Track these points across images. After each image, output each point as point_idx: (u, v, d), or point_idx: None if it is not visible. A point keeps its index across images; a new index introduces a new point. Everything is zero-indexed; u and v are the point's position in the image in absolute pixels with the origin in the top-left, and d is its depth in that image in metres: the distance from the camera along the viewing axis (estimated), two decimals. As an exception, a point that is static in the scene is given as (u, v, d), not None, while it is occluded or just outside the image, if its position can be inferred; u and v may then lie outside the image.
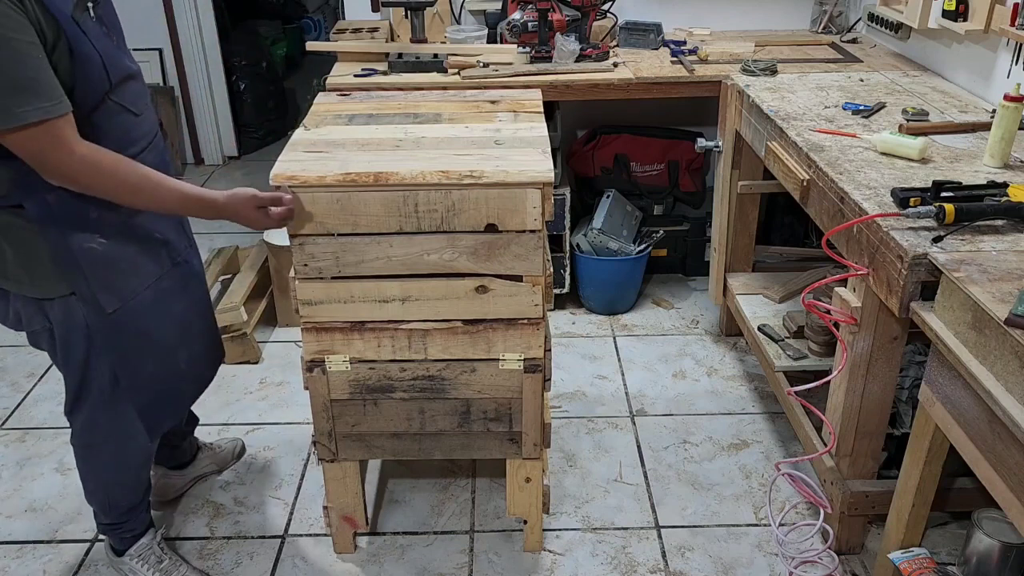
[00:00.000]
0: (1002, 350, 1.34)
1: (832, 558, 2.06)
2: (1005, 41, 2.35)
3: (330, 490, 2.05)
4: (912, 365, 2.09)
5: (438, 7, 3.07)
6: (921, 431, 1.68)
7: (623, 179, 3.32)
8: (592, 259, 3.11)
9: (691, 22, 3.34)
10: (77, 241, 1.62)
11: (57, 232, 1.60)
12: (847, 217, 1.81)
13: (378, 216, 1.74)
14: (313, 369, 1.88)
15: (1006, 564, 1.73)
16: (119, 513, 1.98)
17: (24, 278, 1.64)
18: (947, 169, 1.94)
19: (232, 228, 3.99)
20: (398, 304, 1.83)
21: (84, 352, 1.73)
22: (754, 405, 2.70)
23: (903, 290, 1.58)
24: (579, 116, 3.45)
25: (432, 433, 1.99)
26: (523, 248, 1.78)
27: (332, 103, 2.24)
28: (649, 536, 2.20)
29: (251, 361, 2.93)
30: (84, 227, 1.62)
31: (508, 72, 2.71)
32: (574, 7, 2.90)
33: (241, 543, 2.19)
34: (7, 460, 2.48)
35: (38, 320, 1.71)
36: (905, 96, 2.46)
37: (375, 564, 2.12)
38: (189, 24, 4.38)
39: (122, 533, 2.02)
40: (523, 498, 2.08)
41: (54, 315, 1.69)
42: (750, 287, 2.84)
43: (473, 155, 1.81)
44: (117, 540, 2.03)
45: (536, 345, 1.88)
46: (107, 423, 1.84)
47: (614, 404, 2.71)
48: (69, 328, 1.70)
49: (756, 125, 2.42)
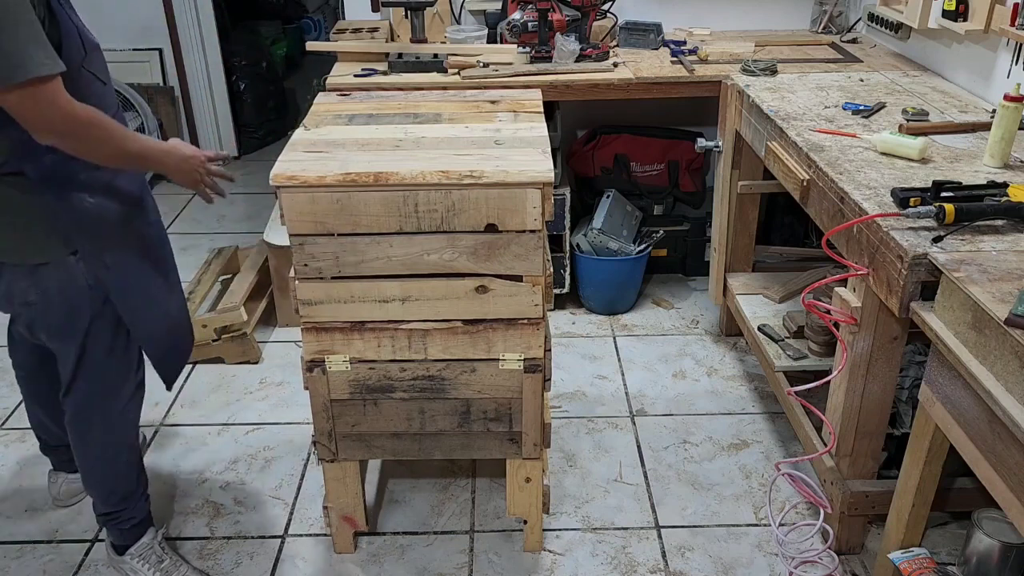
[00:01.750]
0: (1002, 350, 1.34)
1: (832, 558, 2.06)
2: (1005, 41, 2.35)
3: (330, 490, 2.05)
4: (912, 365, 2.09)
5: (438, 7, 3.07)
6: (921, 431, 1.68)
7: (623, 179, 3.32)
8: (592, 259, 3.11)
9: (691, 22, 3.34)
10: (75, 200, 1.69)
11: (56, 193, 1.66)
12: (847, 217, 1.81)
13: (378, 216, 1.74)
14: (313, 369, 1.88)
15: (1006, 564, 1.73)
16: (118, 499, 2.00)
17: (22, 246, 1.69)
18: (947, 169, 1.94)
19: (232, 228, 4.00)
20: (398, 304, 1.83)
21: (88, 315, 1.78)
22: (754, 405, 2.70)
23: (903, 290, 1.58)
24: (579, 116, 3.45)
25: (432, 433, 1.99)
26: (523, 248, 1.78)
27: (332, 103, 2.24)
28: (649, 536, 2.20)
29: (251, 361, 2.93)
30: (78, 187, 1.70)
31: (508, 72, 2.71)
32: (574, 7, 2.90)
33: (241, 543, 2.19)
34: (7, 460, 2.48)
35: (33, 291, 1.74)
36: (905, 96, 2.46)
37: (375, 564, 2.12)
38: (189, 24, 4.38)
39: (121, 524, 2.02)
40: (523, 498, 2.08)
41: (52, 281, 1.73)
42: (750, 287, 2.84)
43: (473, 155, 1.81)
44: (117, 534, 2.04)
45: (536, 345, 1.88)
46: (103, 394, 1.89)
47: (614, 404, 2.71)
48: (72, 292, 1.75)
49: (756, 125, 2.42)
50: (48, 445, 2.27)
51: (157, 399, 2.70)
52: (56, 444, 2.24)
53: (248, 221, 4.06)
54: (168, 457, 2.48)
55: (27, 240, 1.69)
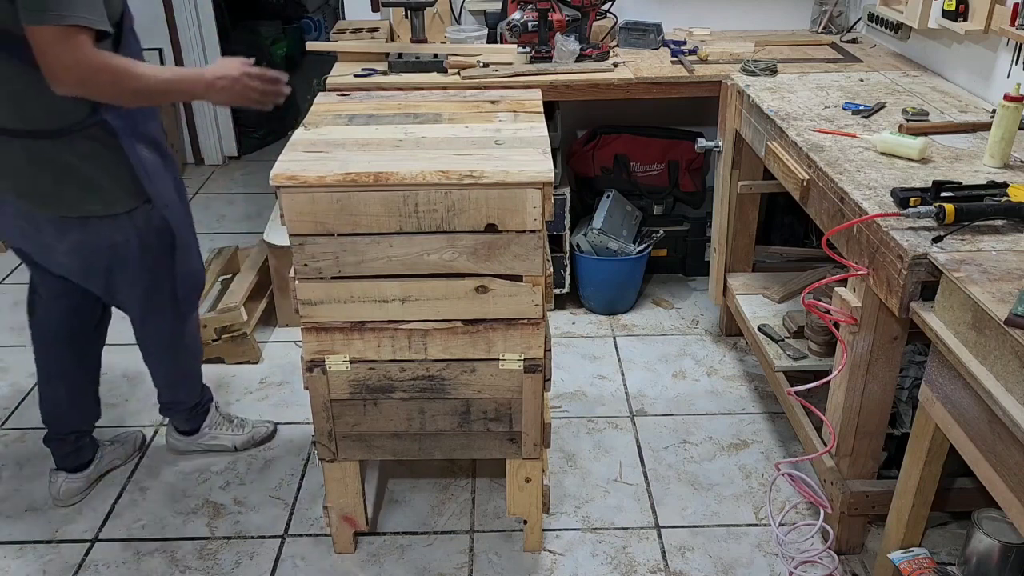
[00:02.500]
0: (1002, 350, 1.34)
1: (832, 558, 2.06)
2: (1005, 41, 2.35)
3: (330, 490, 2.05)
4: (912, 365, 2.09)
5: (438, 7, 3.07)
6: (921, 431, 1.68)
7: (623, 179, 3.32)
8: (592, 259, 3.11)
9: (691, 22, 3.34)
10: (142, 149, 1.88)
11: (130, 143, 1.84)
12: (847, 217, 1.81)
13: (378, 216, 1.74)
14: (313, 369, 1.88)
15: (1006, 564, 1.73)
16: (199, 389, 2.41)
17: (113, 196, 1.87)
18: (947, 169, 1.94)
19: (232, 228, 4.00)
20: (398, 304, 1.83)
21: (164, 255, 2.01)
22: (754, 405, 2.70)
23: (903, 290, 1.58)
24: (579, 116, 3.45)
25: (432, 433, 1.99)
26: (523, 248, 1.78)
27: (332, 103, 2.24)
28: (649, 536, 2.20)
29: (251, 361, 2.93)
30: (140, 137, 1.88)
31: (508, 72, 2.71)
32: (574, 7, 2.90)
33: (241, 543, 2.19)
34: (7, 460, 2.48)
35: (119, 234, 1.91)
36: (905, 96, 2.46)
37: (375, 564, 2.12)
38: (189, 24, 4.38)
39: (200, 408, 2.41)
40: (523, 498, 2.08)
41: (131, 229, 1.92)
42: (750, 287, 2.84)
43: (473, 155, 1.81)
44: (195, 419, 2.41)
45: (536, 345, 1.88)
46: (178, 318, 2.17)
47: (614, 404, 2.71)
48: (150, 235, 1.96)
49: (756, 125, 2.42)
50: (54, 435, 2.27)
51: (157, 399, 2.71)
52: (65, 432, 2.26)
53: (248, 221, 4.06)
54: (168, 457, 2.48)
55: (120, 190, 1.87)
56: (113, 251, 1.93)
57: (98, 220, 1.87)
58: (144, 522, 2.25)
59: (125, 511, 2.29)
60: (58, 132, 1.76)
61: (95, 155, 1.81)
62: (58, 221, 1.86)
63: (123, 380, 2.82)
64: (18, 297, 3.20)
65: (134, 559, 2.14)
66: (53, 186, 1.81)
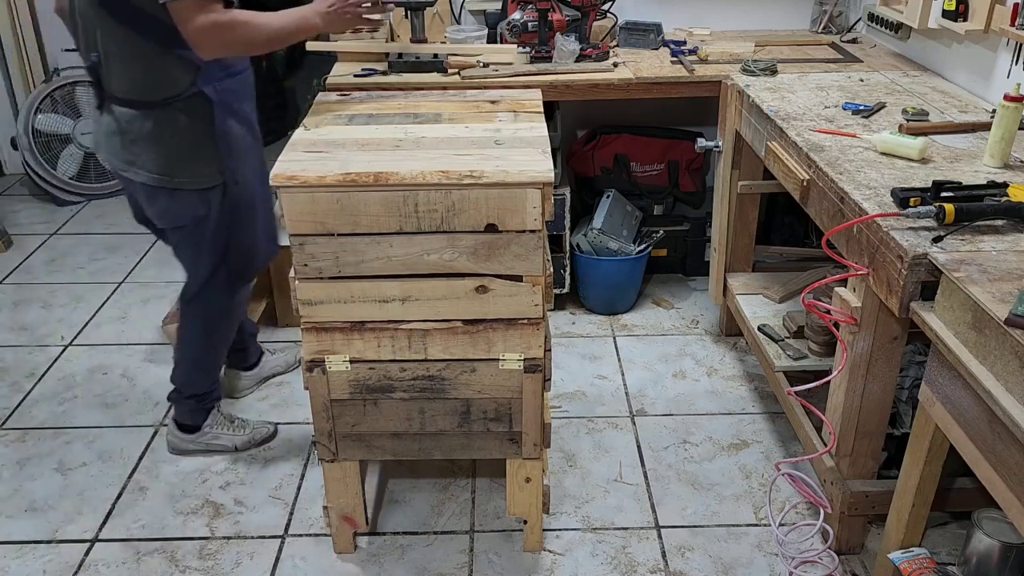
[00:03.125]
0: (1002, 350, 1.34)
1: (832, 558, 2.06)
2: (1005, 41, 2.35)
3: (330, 490, 2.05)
4: (912, 365, 2.09)
5: (438, 7, 3.06)
6: (921, 431, 1.68)
7: (623, 179, 3.32)
8: (592, 259, 3.11)
9: (691, 22, 3.34)
10: (233, 125, 2.03)
11: (222, 116, 1.99)
12: (847, 217, 1.81)
13: (378, 216, 1.74)
14: (313, 369, 1.88)
15: (1006, 564, 1.73)
16: (213, 380, 2.43)
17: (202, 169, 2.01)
18: (947, 169, 1.94)
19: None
20: (398, 304, 1.83)
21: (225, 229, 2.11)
22: (754, 405, 2.70)
23: (903, 290, 1.58)
24: (579, 116, 3.45)
25: (432, 433, 1.99)
26: (523, 248, 1.78)
27: (332, 103, 2.24)
28: (649, 536, 2.20)
29: (251, 361, 2.93)
30: (232, 113, 2.02)
31: (508, 72, 2.71)
32: (574, 7, 2.90)
33: (241, 543, 2.19)
34: (7, 460, 2.48)
35: (203, 207, 2.05)
36: (905, 96, 2.46)
37: (375, 564, 2.12)
38: (189, 24, 4.37)
39: (206, 401, 2.42)
40: (523, 498, 2.08)
41: (212, 200, 2.06)
42: (750, 287, 2.84)
43: (473, 155, 1.81)
44: (199, 414, 2.42)
45: (536, 345, 1.88)
46: (225, 297, 2.26)
47: (614, 404, 2.71)
48: (223, 208, 2.08)
49: (756, 125, 2.42)
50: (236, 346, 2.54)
51: (157, 399, 2.70)
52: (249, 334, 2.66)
53: (248, 221, 4.05)
54: (168, 457, 2.48)
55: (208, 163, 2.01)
56: (195, 222, 2.09)
57: (185, 192, 2.03)
58: (144, 522, 2.25)
59: (125, 511, 2.29)
60: (163, 103, 1.94)
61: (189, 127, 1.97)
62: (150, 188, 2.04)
63: (123, 380, 2.83)
64: (18, 297, 3.24)
65: (134, 559, 2.14)
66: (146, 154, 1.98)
